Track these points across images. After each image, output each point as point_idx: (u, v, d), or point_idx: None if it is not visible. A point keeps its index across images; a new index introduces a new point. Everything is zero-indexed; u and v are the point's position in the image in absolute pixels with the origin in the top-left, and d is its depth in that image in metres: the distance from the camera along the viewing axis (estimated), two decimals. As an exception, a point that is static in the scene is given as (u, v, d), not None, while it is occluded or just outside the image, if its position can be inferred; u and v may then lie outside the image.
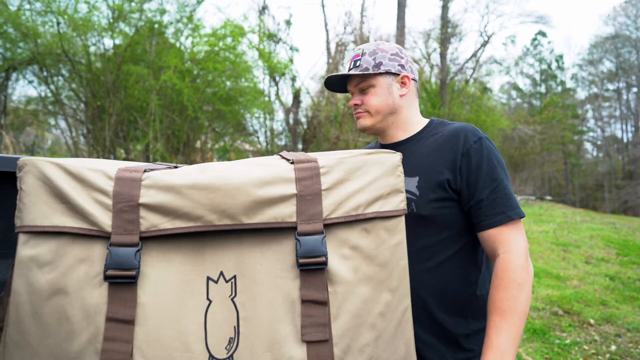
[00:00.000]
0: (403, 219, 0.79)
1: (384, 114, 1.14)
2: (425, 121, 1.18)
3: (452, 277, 1.04)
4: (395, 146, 1.17)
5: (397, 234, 0.77)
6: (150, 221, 0.68)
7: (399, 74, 1.14)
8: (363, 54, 1.14)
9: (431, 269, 1.04)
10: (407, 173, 1.07)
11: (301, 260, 0.69)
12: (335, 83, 1.20)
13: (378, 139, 1.28)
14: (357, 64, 1.14)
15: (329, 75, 1.16)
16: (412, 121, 1.17)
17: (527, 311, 0.95)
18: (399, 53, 1.16)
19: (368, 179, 0.76)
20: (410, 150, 1.12)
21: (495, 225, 0.99)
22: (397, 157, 0.80)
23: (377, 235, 0.75)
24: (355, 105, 1.16)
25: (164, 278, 0.67)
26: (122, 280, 0.65)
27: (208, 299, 0.68)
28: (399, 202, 0.78)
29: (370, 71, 1.12)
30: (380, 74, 1.13)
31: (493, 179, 1.01)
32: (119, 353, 0.63)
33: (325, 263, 0.70)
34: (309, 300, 0.69)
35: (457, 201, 1.04)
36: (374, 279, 0.73)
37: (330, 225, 0.73)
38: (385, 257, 0.75)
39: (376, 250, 0.74)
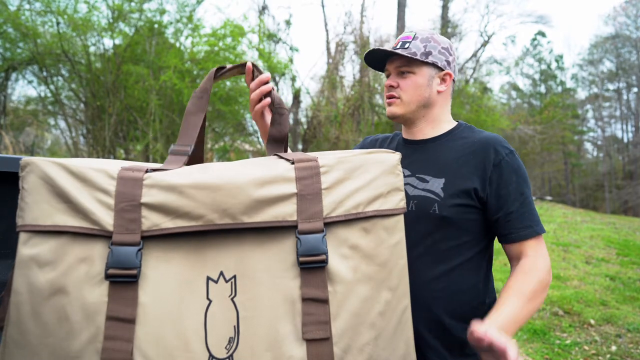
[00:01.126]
0: (402, 217, 0.79)
1: (417, 105, 1.11)
2: (454, 123, 1.17)
3: (463, 282, 1.04)
4: (422, 143, 1.15)
5: (396, 233, 0.77)
6: (151, 220, 0.68)
7: (443, 70, 1.12)
8: (414, 38, 1.10)
9: (443, 273, 1.03)
10: (434, 173, 1.07)
11: (301, 259, 0.69)
12: (375, 59, 1.16)
13: (396, 132, 1.27)
14: (406, 46, 1.09)
15: (375, 48, 1.11)
16: (442, 120, 1.15)
17: (534, 313, 0.98)
18: (449, 49, 1.13)
19: (368, 178, 0.76)
20: (437, 149, 1.11)
21: (524, 239, 1.01)
22: (396, 156, 0.80)
23: (377, 235, 0.75)
24: (391, 87, 1.12)
25: (164, 278, 0.67)
26: (123, 279, 0.65)
27: (208, 298, 0.68)
28: (398, 201, 0.78)
29: (418, 57, 1.08)
30: (426, 63, 1.09)
31: (521, 193, 1.02)
32: (120, 352, 0.63)
33: (325, 261, 0.70)
34: (310, 299, 0.69)
35: (480, 209, 1.04)
36: (373, 279, 0.73)
37: (330, 225, 0.73)
38: (385, 256, 0.75)
39: (375, 250, 0.74)
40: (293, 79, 14.10)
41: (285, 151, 0.92)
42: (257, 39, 12.43)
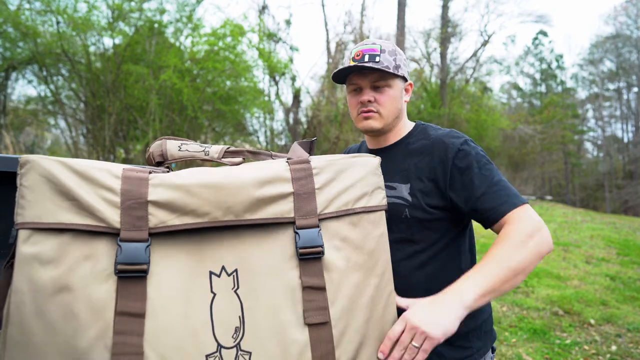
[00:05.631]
0: (384, 213, 0.89)
1: (393, 118, 1.12)
2: (412, 125, 1.19)
3: (445, 277, 1.03)
4: (386, 151, 1.16)
5: (380, 226, 0.86)
6: (158, 217, 0.70)
7: (407, 81, 1.16)
8: (382, 51, 1.08)
9: (425, 270, 1.05)
10: (399, 179, 1.09)
11: (301, 250, 0.76)
12: (341, 73, 1.12)
13: (362, 142, 1.29)
14: (377, 59, 1.07)
15: (350, 65, 1.07)
16: (403, 126, 1.18)
17: (525, 268, 0.88)
18: (405, 59, 1.16)
19: (355, 178, 0.85)
20: (399, 156, 1.12)
21: (503, 214, 0.96)
22: (377, 160, 0.91)
23: (364, 228, 0.84)
24: (368, 102, 1.09)
25: (170, 273, 0.70)
26: (132, 274, 0.67)
27: (212, 292, 0.71)
28: (381, 198, 0.89)
29: (391, 71, 1.08)
30: (398, 76, 1.11)
31: (486, 175, 1.00)
32: (131, 346, 0.64)
33: (322, 252, 0.78)
34: (309, 287, 0.76)
35: (448, 206, 1.04)
36: (363, 266, 0.82)
37: (323, 220, 0.81)
38: (372, 246, 0.83)
39: (363, 241, 0.83)
40: (293, 78, 14.12)
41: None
42: (257, 38, 12.43)
